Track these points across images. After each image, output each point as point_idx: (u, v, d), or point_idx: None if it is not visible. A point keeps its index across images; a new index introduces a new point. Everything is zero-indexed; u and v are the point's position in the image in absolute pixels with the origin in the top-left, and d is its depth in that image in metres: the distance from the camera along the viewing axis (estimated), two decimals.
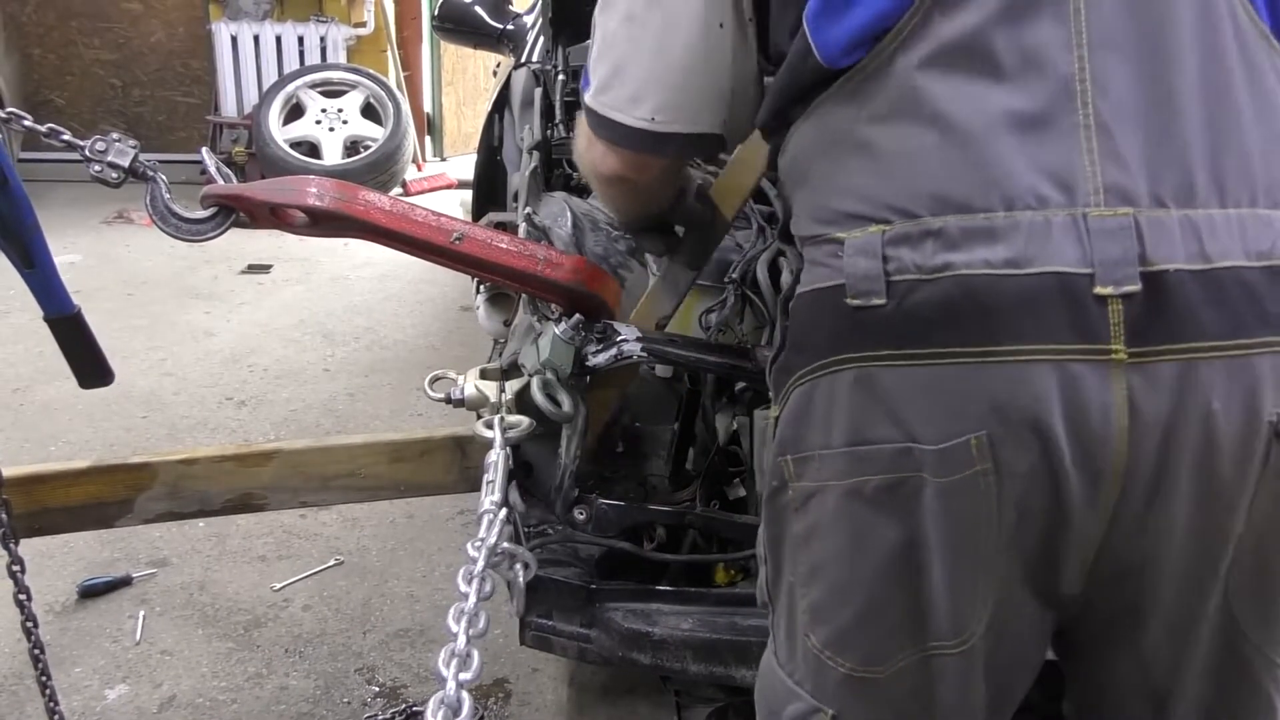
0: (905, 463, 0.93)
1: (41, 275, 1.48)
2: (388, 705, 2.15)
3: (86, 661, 2.27)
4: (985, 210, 0.90)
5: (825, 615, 1.03)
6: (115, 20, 6.52)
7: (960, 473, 0.91)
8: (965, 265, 0.89)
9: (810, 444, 0.99)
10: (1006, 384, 0.89)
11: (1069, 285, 0.87)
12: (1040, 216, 0.88)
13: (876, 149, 0.95)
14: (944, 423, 0.91)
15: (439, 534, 2.77)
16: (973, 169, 0.91)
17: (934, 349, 0.91)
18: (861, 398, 0.95)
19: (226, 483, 1.76)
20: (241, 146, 6.12)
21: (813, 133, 1.01)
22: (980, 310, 0.89)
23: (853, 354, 0.95)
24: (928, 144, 0.92)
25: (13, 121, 1.41)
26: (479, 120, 4.10)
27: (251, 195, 1.39)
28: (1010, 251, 0.88)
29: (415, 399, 3.41)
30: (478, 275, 1.55)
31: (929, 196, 0.92)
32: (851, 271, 0.94)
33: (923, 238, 0.91)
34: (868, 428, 0.95)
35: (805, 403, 1.00)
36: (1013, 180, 0.90)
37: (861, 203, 0.95)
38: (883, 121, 0.95)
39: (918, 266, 0.91)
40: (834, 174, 0.99)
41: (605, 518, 1.55)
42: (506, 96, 3.21)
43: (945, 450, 0.91)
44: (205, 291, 4.60)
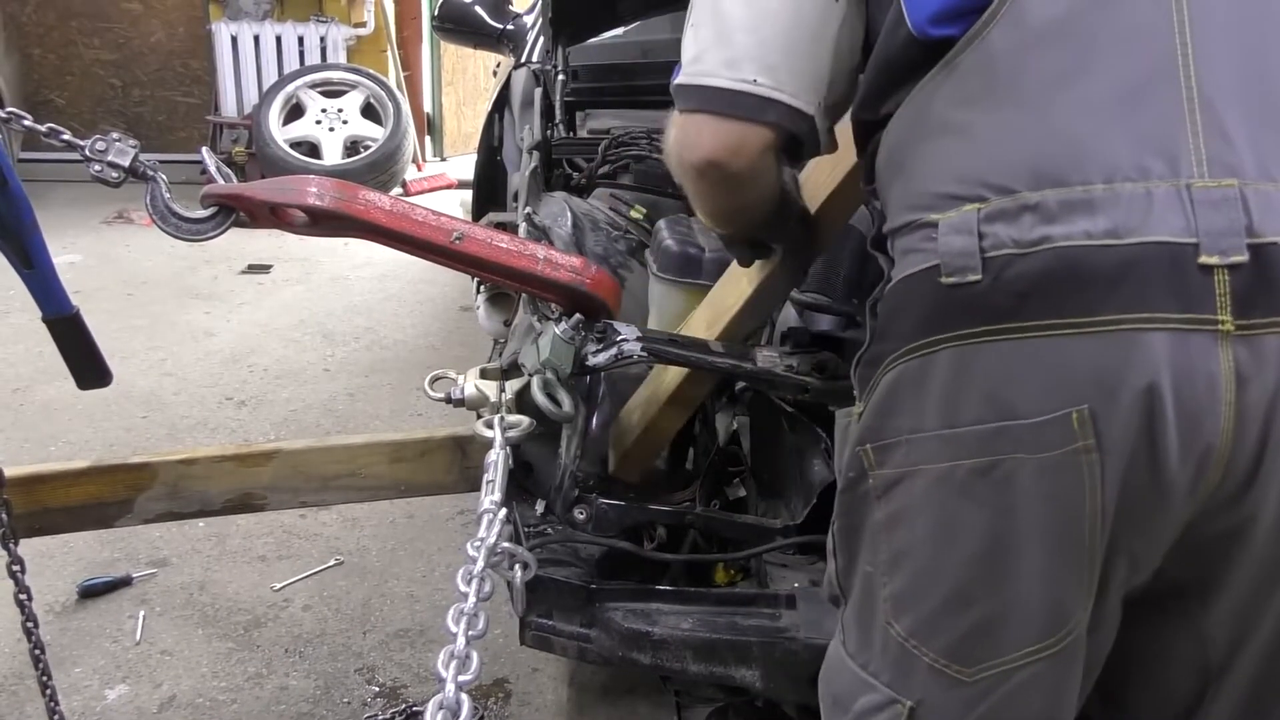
0: (1000, 444, 0.92)
1: (40, 275, 1.48)
2: (388, 705, 2.15)
3: (86, 661, 2.27)
4: (1084, 183, 0.89)
5: (911, 602, 1.01)
6: (115, 20, 6.52)
7: (1060, 448, 0.89)
8: (1064, 237, 0.88)
9: (897, 429, 0.98)
10: (1108, 354, 0.87)
11: (1173, 254, 0.86)
12: (1141, 188, 0.87)
13: (972, 130, 0.95)
14: (1043, 397, 0.89)
15: (439, 534, 2.77)
16: (1070, 143, 0.90)
17: (1032, 321, 0.89)
18: (955, 378, 0.93)
19: (226, 483, 1.76)
20: (241, 146, 6.12)
21: (909, 121, 1.00)
22: (1079, 281, 0.88)
23: (946, 334, 0.93)
24: (1024, 121, 0.92)
25: (13, 121, 1.41)
26: (479, 120, 4.10)
27: (251, 195, 1.39)
28: (1111, 222, 0.87)
29: (415, 399, 3.41)
30: (478, 275, 1.55)
31: (1026, 171, 0.91)
32: (946, 250, 0.93)
33: (1020, 212, 0.90)
34: (961, 409, 0.93)
35: (893, 389, 0.98)
36: (1112, 153, 0.89)
37: (957, 183, 0.94)
38: (978, 102, 0.94)
39: (1015, 241, 0.90)
40: (929, 159, 0.98)
41: (605, 518, 1.55)
42: (506, 96, 3.21)
43: (1044, 424, 0.89)
44: (205, 291, 4.60)
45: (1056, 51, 0.92)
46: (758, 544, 1.55)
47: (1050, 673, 0.98)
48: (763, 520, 1.59)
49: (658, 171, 2.18)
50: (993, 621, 0.97)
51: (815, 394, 1.46)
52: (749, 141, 1.08)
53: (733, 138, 1.07)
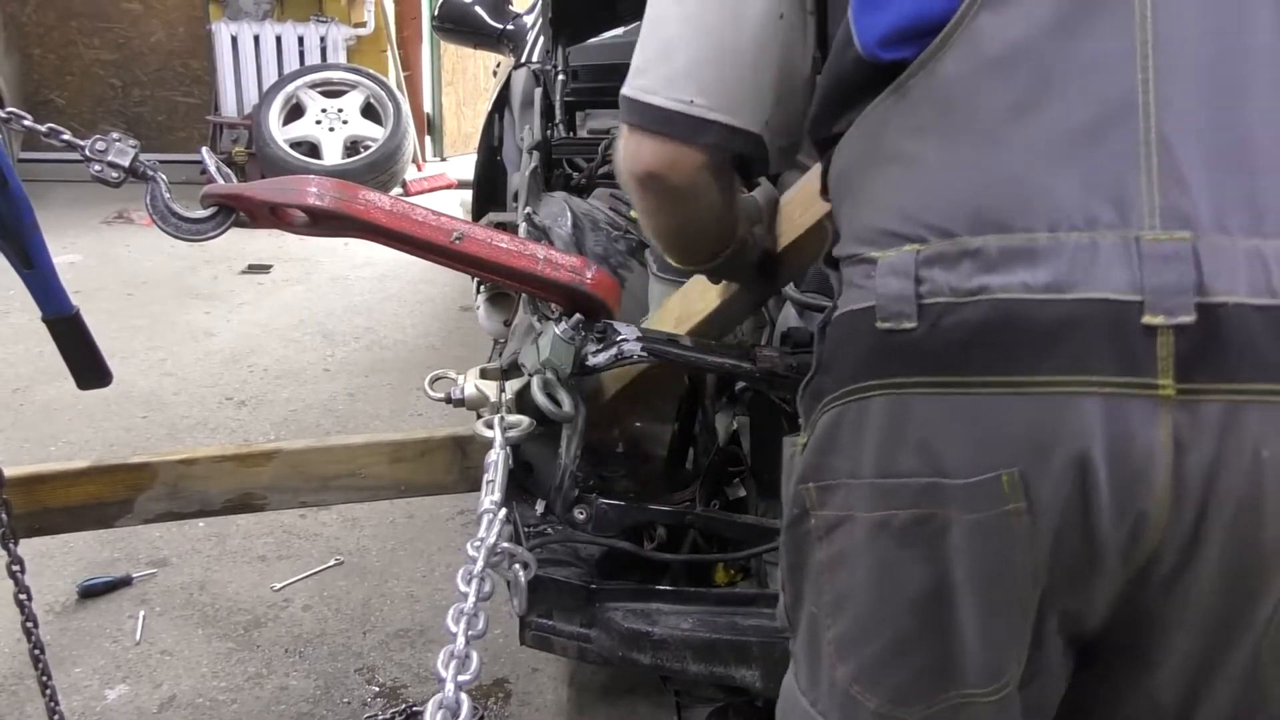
0: (932, 498, 0.89)
1: (40, 275, 1.48)
2: (388, 705, 2.15)
3: (86, 661, 2.27)
4: (1026, 230, 0.84)
5: (852, 649, 0.99)
6: (115, 20, 6.52)
7: (990, 509, 0.86)
8: (1002, 288, 0.84)
9: (836, 471, 0.95)
10: (1042, 416, 0.83)
11: (1115, 313, 0.81)
12: (1087, 238, 0.82)
13: (919, 161, 0.90)
14: (974, 456, 0.86)
15: (439, 534, 2.77)
16: (1015, 185, 0.85)
17: (965, 376, 0.86)
18: (889, 426, 0.90)
19: (226, 483, 1.76)
20: (241, 146, 6.12)
21: (857, 144, 0.97)
22: (1016, 336, 0.84)
23: (881, 380, 0.90)
24: (971, 157, 0.87)
25: (13, 121, 1.41)
26: (479, 120, 4.10)
27: (251, 195, 1.39)
28: (1052, 275, 0.82)
29: (415, 399, 3.41)
30: (478, 275, 1.55)
31: (968, 213, 0.86)
32: (883, 292, 0.89)
33: (959, 258, 0.86)
34: (896, 459, 0.90)
35: (832, 429, 0.95)
36: (1059, 198, 0.84)
37: (899, 220, 0.90)
38: (925, 132, 0.90)
39: (952, 289, 0.86)
40: (875, 189, 0.94)
41: (605, 518, 1.55)
42: (506, 96, 3.21)
43: (974, 485, 0.86)
44: (205, 291, 4.60)
45: (1009, 82, 0.87)
46: (758, 544, 1.55)
47: (992, 716, 0.96)
48: (763, 520, 1.59)
49: None
50: (932, 669, 0.95)
51: None
52: (683, 161, 1.07)
53: (669, 156, 1.07)
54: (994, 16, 0.87)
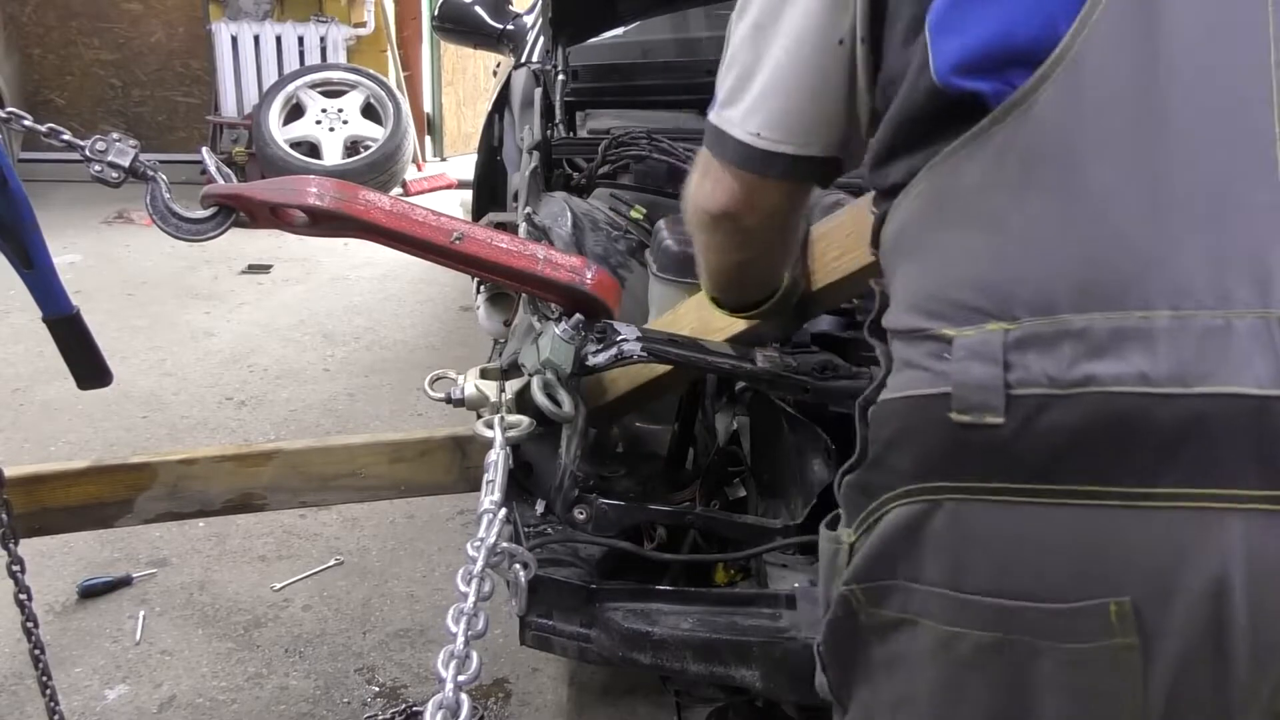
0: (1015, 623, 0.76)
1: (40, 275, 1.48)
2: (388, 705, 2.15)
3: (86, 661, 2.27)
4: (1144, 307, 0.71)
5: None
6: (115, 20, 6.52)
7: (1091, 642, 0.74)
8: (1114, 380, 0.70)
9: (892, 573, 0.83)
10: (1163, 537, 0.71)
11: (1257, 411, 0.68)
12: (1219, 318, 0.69)
13: (1004, 223, 0.77)
14: (1072, 580, 0.73)
15: (439, 534, 2.77)
16: (1129, 253, 0.72)
17: (1067, 485, 0.72)
18: (961, 537, 0.78)
19: (226, 483, 1.76)
20: (241, 146, 6.12)
21: (926, 195, 0.83)
22: (1131, 439, 0.70)
23: (953, 482, 0.77)
24: (1072, 219, 0.74)
25: (13, 121, 1.41)
26: (479, 120, 4.10)
27: (251, 195, 1.39)
28: (1175, 364, 0.69)
29: (415, 399, 3.41)
30: (478, 275, 1.55)
31: (1070, 287, 0.73)
32: (962, 379, 0.75)
33: (1058, 339, 0.72)
34: (968, 573, 0.78)
35: (890, 533, 0.82)
36: (1183, 269, 0.71)
37: (979, 292, 0.77)
38: (1016, 188, 0.77)
39: (1050, 379, 0.72)
40: (947, 253, 0.81)
41: (605, 518, 1.55)
42: (506, 96, 3.21)
43: (1072, 612, 0.74)
44: (205, 291, 4.60)
45: (1121, 132, 0.74)
46: (758, 544, 1.55)
47: None
48: (763, 520, 1.59)
49: (658, 171, 2.18)
50: None
51: (815, 394, 1.46)
52: (760, 197, 1.02)
53: (747, 190, 1.02)
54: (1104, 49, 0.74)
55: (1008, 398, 0.73)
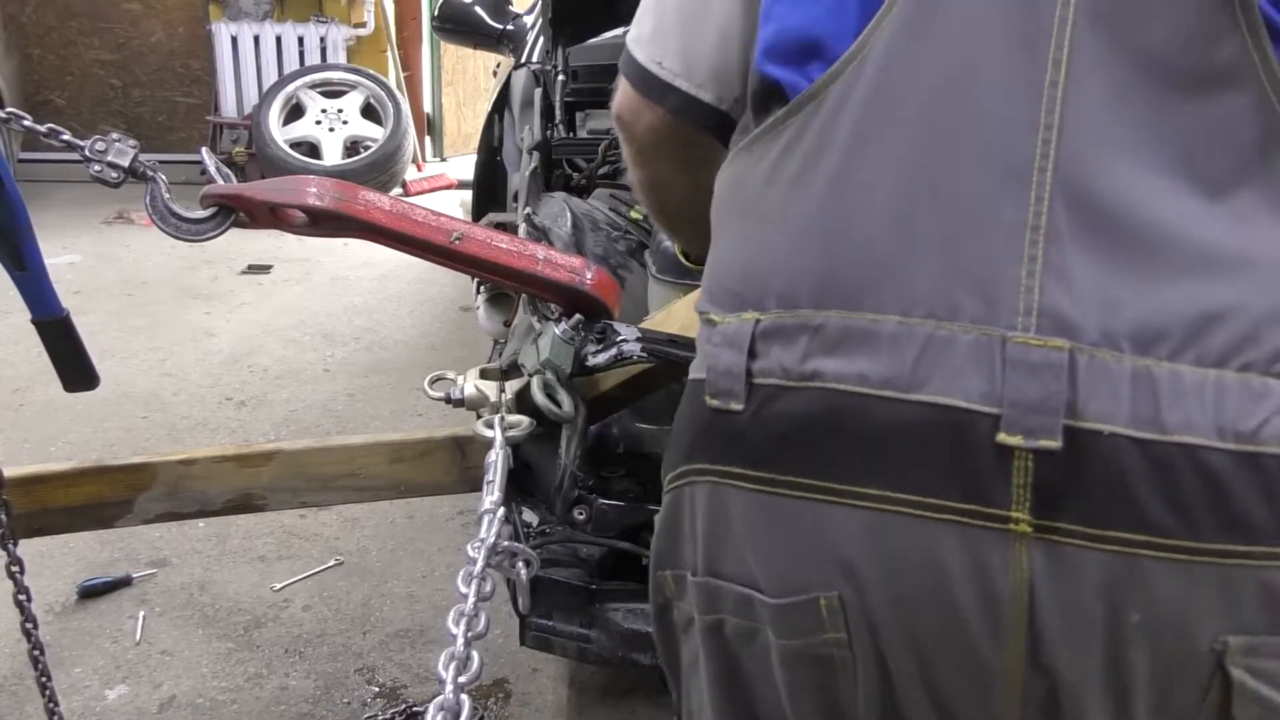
0: (750, 611, 0.78)
1: (32, 277, 1.47)
2: (388, 705, 2.15)
3: (86, 662, 2.27)
4: (875, 310, 0.72)
5: None
6: (115, 20, 6.52)
7: (805, 637, 0.75)
8: (836, 377, 0.72)
9: (683, 562, 0.85)
10: (868, 536, 0.71)
11: (965, 425, 0.68)
12: (944, 330, 0.70)
13: (774, 216, 0.79)
14: (787, 571, 0.75)
15: (439, 534, 2.77)
16: (870, 257, 0.73)
17: (783, 475, 0.74)
18: (714, 520, 0.80)
19: (226, 483, 1.76)
20: (241, 146, 6.12)
21: (726, 183, 0.87)
22: (845, 438, 0.72)
23: (705, 464, 0.80)
24: (828, 219, 0.75)
25: (13, 121, 1.41)
26: (479, 120, 4.10)
27: (251, 195, 1.39)
28: (894, 368, 0.70)
29: (415, 399, 3.41)
30: (478, 275, 1.55)
31: (814, 283, 0.75)
32: (714, 364, 0.78)
33: (797, 333, 0.74)
34: (720, 558, 0.80)
35: (672, 513, 0.85)
36: (917, 278, 0.71)
37: (743, 281, 0.80)
38: (789, 184, 0.78)
39: (785, 370, 0.75)
40: (729, 239, 0.85)
41: (605, 518, 1.55)
42: (506, 97, 3.21)
43: (786, 607, 0.75)
44: (205, 291, 4.60)
45: (890, 136, 0.74)
46: None
47: None
48: None
49: None
50: None
51: None
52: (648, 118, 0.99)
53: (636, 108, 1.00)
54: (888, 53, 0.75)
55: (749, 386, 0.76)
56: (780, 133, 0.80)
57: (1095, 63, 0.71)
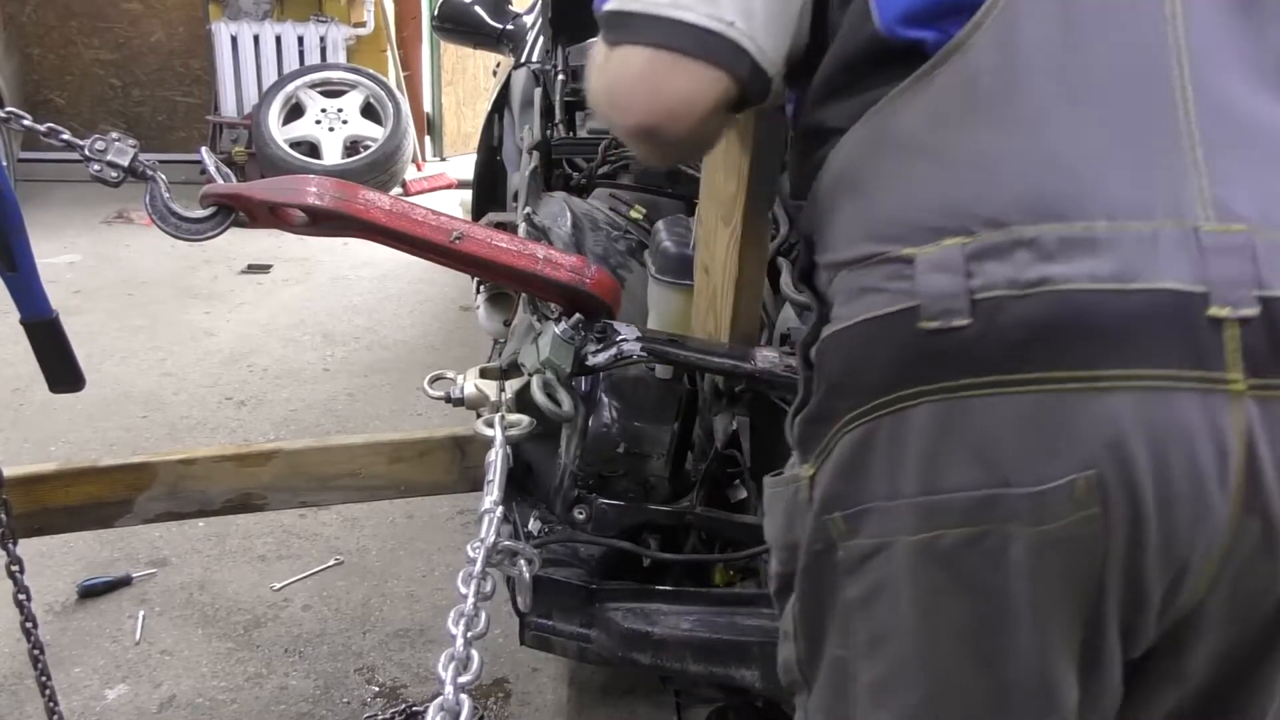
0: (991, 513, 0.82)
1: (23, 278, 1.47)
2: (388, 705, 2.15)
3: (86, 661, 2.27)
4: (1085, 219, 0.80)
5: (893, 693, 0.91)
6: (115, 20, 6.51)
7: (1061, 519, 0.81)
8: (1066, 279, 0.79)
9: (869, 495, 0.88)
10: (1117, 413, 0.79)
11: (1182, 304, 0.78)
12: (1148, 228, 0.80)
13: (950, 153, 0.86)
14: (1043, 461, 0.80)
15: (439, 534, 2.77)
16: (1069, 174, 0.82)
17: (1030, 374, 0.80)
18: (936, 437, 0.84)
19: (226, 483, 1.76)
20: (241, 146, 6.11)
21: (869, 138, 0.90)
22: (1085, 329, 0.79)
23: (925, 386, 0.83)
24: (1015, 147, 0.84)
25: (12, 121, 1.41)
26: (479, 120, 4.10)
27: (251, 194, 1.39)
28: (1117, 264, 0.79)
29: (415, 399, 3.41)
30: (478, 275, 1.55)
31: (1020, 203, 0.82)
32: (927, 290, 0.83)
33: (1013, 248, 0.81)
34: (944, 472, 0.83)
35: (859, 449, 0.88)
36: (1115, 188, 0.81)
37: (935, 213, 0.84)
38: (958, 123, 0.86)
39: (1009, 281, 0.81)
40: (896, 184, 0.88)
41: (605, 518, 1.55)
42: (506, 96, 3.21)
43: (1043, 494, 0.80)
44: (205, 291, 4.60)
45: (1049, 71, 0.84)
46: (758, 544, 1.55)
47: None
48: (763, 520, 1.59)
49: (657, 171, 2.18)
50: (985, 707, 0.89)
51: None
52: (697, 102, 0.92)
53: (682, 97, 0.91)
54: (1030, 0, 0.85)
55: (971, 302, 0.81)
56: (929, 84, 0.86)
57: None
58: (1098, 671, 0.88)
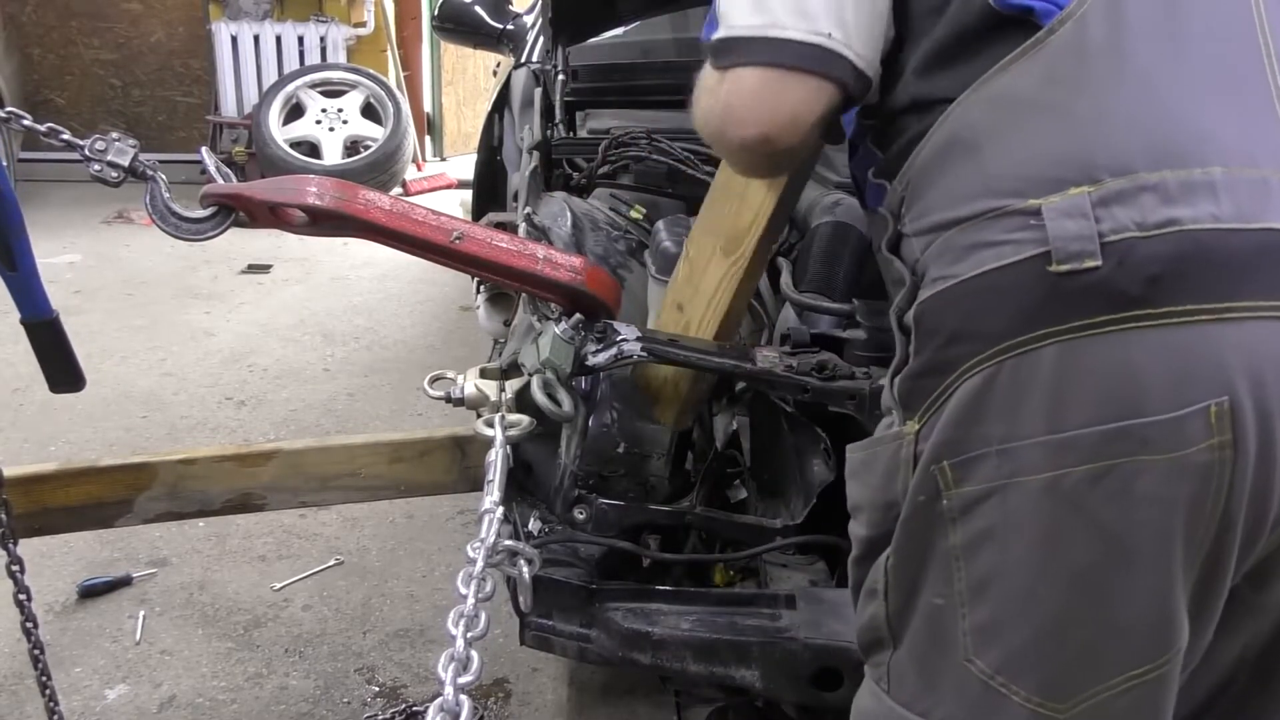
0: (1120, 446, 0.85)
1: (23, 278, 1.47)
2: (388, 705, 2.15)
3: (86, 661, 2.27)
4: (1203, 165, 0.86)
5: (999, 634, 0.93)
6: (115, 20, 6.52)
7: (1195, 445, 0.84)
8: (1192, 220, 0.85)
9: (985, 439, 0.90)
10: (1248, 343, 0.84)
11: None
12: (1258, 175, 0.87)
13: (1068, 109, 0.90)
14: (1176, 390, 0.84)
15: (439, 534, 2.77)
16: (1183, 125, 0.88)
17: (1162, 308, 0.85)
18: (1063, 376, 0.87)
19: (226, 483, 1.76)
20: (241, 146, 6.12)
21: (979, 104, 0.94)
22: (1213, 265, 0.85)
23: (1053, 327, 0.87)
24: (1130, 101, 0.89)
25: (12, 121, 1.41)
26: (479, 120, 4.10)
27: (251, 194, 1.39)
28: (1236, 207, 0.85)
29: (415, 399, 3.41)
30: (478, 275, 1.55)
31: (1141, 151, 0.87)
32: (1058, 234, 0.86)
33: (1138, 193, 0.86)
34: (1071, 410, 0.87)
35: (979, 394, 0.90)
36: (1225, 138, 0.88)
37: (1058, 165, 0.89)
38: (1073, 82, 0.91)
39: (1138, 224, 0.85)
40: (1014, 141, 0.92)
41: (605, 518, 1.55)
42: (506, 96, 3.21)
43: (1177, 420, 0.84)
44: (205, 291, 4.60)
45: (1155, 36, 0.91)
46: (758, 544, 1.55)
47: (1151, 696, 0.92)
48: (762, 520, 1.59)
49: (657, 171, 2.17)
50: (1095, 648, 0.91)
51: (815, 394, 1.46)
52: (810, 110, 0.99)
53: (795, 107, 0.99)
54: None
55: (1102, 244, 0.85)
56: (1043, 49, 0.91)
57: None
58: (1209, 606, 0.91)
